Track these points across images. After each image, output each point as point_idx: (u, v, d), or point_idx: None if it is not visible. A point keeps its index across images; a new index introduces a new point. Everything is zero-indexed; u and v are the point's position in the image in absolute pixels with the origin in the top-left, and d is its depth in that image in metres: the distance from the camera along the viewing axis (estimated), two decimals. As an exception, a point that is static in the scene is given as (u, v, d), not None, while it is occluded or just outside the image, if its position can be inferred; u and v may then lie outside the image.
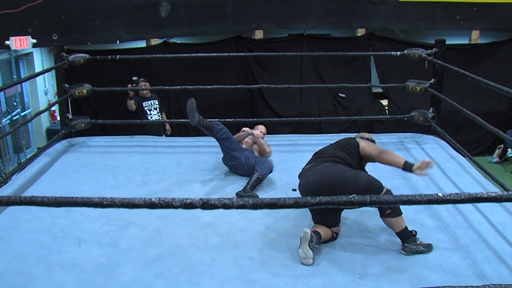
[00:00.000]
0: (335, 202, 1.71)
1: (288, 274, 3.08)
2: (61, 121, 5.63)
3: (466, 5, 8.35)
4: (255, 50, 8.61)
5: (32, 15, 6.75)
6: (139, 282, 3.00)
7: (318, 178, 3.30)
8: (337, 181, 3.24)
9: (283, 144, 5.60)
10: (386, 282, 2.96)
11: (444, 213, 3.82)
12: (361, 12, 8.38)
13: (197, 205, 1.72)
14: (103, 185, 4.48)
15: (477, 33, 8.94)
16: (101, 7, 7.15)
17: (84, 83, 5.65)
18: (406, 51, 5.63)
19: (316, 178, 3.31)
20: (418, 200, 1.79)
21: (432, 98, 5.59)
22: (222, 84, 8.02)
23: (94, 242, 3.45)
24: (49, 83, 9.11)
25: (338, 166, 3.35)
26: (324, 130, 8.27)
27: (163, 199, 1.72)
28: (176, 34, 8.07)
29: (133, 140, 5.75)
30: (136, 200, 1.74)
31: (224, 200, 1.74)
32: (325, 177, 3.28)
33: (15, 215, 3.78)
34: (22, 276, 3.01)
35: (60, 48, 5.47)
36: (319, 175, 3.31)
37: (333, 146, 3.64)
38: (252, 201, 1.73)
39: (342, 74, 8.77)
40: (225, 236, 3.55)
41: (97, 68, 7.28)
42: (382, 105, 9.18)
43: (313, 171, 3.38)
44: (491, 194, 1.83)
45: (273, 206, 1.74)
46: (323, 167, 3.36)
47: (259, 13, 8.16)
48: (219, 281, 3.01)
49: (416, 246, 3.23)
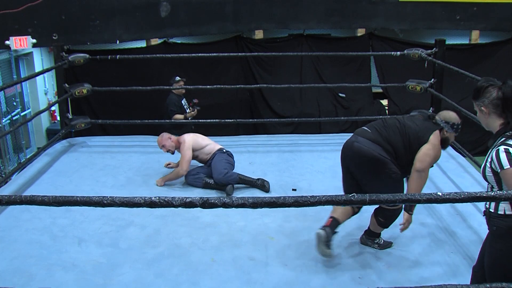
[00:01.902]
0: (334, 201, 1.71)
1: (288, 274, 3.08)
2: (61, 121, 5.63)
3: (466, 5, 8.35)
4: (255, 50, 8.61)
5: (32, 15, 6.75)
6: (139, 282, 3.00)
7: (358, 150, 3.13)
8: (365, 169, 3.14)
9: (283, 144, 5.60)
10: (386, 282, 2.96)
11: (444, 213, 3.82)
12: (361, 12, 8.38)
13: (197, 204, 1.72)
14: (103, 185, 4.48)
15: (477, 33, 8.93)
16: (101, 7, 7.15)
17: (84, 83, 5.66)
18: (406, 51, 5.63)
19: (358, 149, 3.14)
20: (417, 199, 1.79)
21: (432, 98, 5.59)
22: (222, 84, 8.01)
23: (94, 242, 3.45)
24: (49, 83, 9.11)
25: (382, 159, 3.10)
26: (324, 130, 8.26)
27: (163, 198, 1.72)
28: (176, 34, 8.07)
29: (133, 140, 5.76)
30: (136, 199, 1.74)
31: (224, 199, 1.74)
32: (363, 158, 3.12)
33: (15, 215, 3.78)
34: (22, 276, 3.01)
35: (60, 48, 5.47)
36: (361, 150, 3.12)
37: (399, 128, 3.19)
38: (252, 199, 1.73)
39: (342, 74, 8.76)
40: (225, 236, 3.55)
41: (97, 68, 7.27)
42: (382, 105, 9.17)
43: (363, 139, 3.17)
44: (491, 194, 1.83)
45: (272, 205, 1.74)
46: (373, 146, 3.12)
47: (259, 13, 8.16)
48: (219, 281, 3.01)
49: (372, 243, 3.38)
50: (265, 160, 5.10)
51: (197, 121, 6.68)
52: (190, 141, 4.43)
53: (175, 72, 8.26)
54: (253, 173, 4.55)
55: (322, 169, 4.85)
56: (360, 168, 3.16)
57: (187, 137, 4.48)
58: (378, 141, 3.13)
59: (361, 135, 3.20)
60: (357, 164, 3.17)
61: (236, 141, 5.68)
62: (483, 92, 2.36)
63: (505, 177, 2.22)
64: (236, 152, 5.18)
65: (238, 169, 4.73)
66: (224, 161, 4.45)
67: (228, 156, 4.56)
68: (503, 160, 2.21)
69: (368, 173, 3.14)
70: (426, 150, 3.07)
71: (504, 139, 2.26)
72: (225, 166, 4.39)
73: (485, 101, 2.35)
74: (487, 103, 2.34)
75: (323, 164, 4.98)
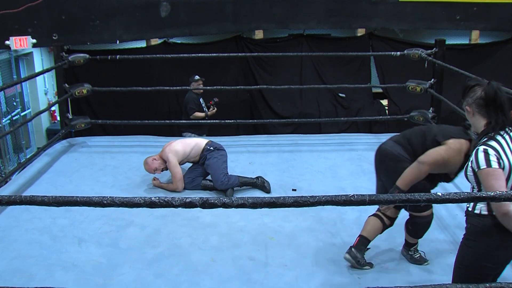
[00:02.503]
0: (334, 201, 1.71)
1: (288, 274, 3.08)
2: (61, 121, 5.63)
3: (466, 5, 8.34)
4: (255, 50, 8.60)
5: (32, 15, 6.75)
6: (139, 282, 3.00)
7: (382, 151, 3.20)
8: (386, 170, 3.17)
9: (283, 144, 5.60)
10: (386, 282, 2.96)
11: (444, 213, 3.82)
12: (361, 12, 8.37)
13: (196, 204, 1.72)
14: (103, 185, 4.48)
15: (477, 33, 8.93)
16: (101, 7, 7.15)
17: (84, 83, 5.66)
18: (406, 51, 5.63)
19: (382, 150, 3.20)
20: (417, 199, 1.79)
21: (432, 98, 5.59)
22: (222, 84, 8.02)
23: (94, 242, 3.45)
24: (49, 83, 9.11)
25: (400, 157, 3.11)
26: (324, 130, 8.25)
27: (163, 198, 1.73)
28: (176, 34, 8.07)
29: (133, 140, 5.76)
30: (136, 199, 1.74)
31: (224, 200, 1.75)
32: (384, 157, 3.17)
33: (15, 215, 3.78)
34: (22, 276, 3.01)
35: (60, 48, 5.48)
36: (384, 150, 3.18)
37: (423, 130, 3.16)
38: (251, 200, 1.73)
39: (342, 74, 8.76)
40: (225, 236, 3.55)
41: (97, 68, 7.27)
42: (382, 105, 9.17)
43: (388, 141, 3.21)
44: (491, 194, 1.83)
45: (272, 205, 1.74)
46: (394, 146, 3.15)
47: (259, 13, 8.16)
48: (219, 281, 3.01)
49: (407, 254, 3.26)
50: (265, 160, 5.10)
51: (197, 121, 6.69)
52: (173, 158, 4.31)
53: (175, 72, 8.29)
54: (253, 173, 4.55)
55: (322, 169, 4.86)
56: (381, 166, 3.20)
57: (170, 155, 4.32)
58: (400, 141, 3.14)
59: (390, 138, 3.25)
60: (379, 163, 3.21)
61: (236, 141, 5.68)
62: (469, 91, 2.36)
63: (481, 176, 2.22)
64: (236, 152, 5.19)
65: (238, 169, 4.74)
66: (219, 162, 4.35)
67: (218, 153, 4.42)
68: (480, 160, 2.21)
69: (387, 170, 3.16)
70: (437, 149, 2.92)
71: (486, 140, 2.27)
72: (222, 170, 4.32)
73: (469, 101, 2.35)
74: (470, 102, 2.34)
75: (323, 164, 4.98)
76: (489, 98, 2.28)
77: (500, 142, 2.25)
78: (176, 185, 4.32)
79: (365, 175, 4.66)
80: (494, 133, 2.27)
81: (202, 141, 4.51)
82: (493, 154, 2.20)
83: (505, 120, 2.28)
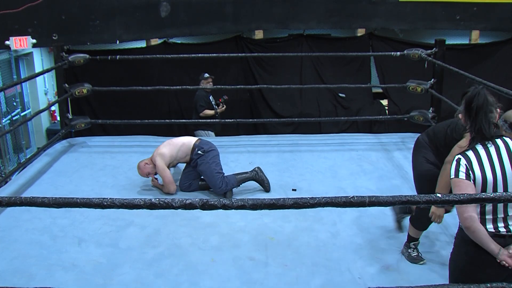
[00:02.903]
0: (334, 202, 1.71)
1: (288, 274, 3.08)
2: (61, 121, 5.64)
3: (466, 5, 8.34)
4: (255, 50, 8.60)
5: (32, 15, 6.74)
6: (139, 282, 3.00)
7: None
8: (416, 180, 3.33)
9: (283, 144, 5.60)
10: (386, 282, 2.96)
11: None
12: (361, 12, 8.37)
13: (196, 205, 1.72)
14: (103, 185, 4.48)
15: (477, 33, 8.92)
16: (101, 7, 7.14)
17: (84, 83, 5.66)
18: (406, 51, 5.63)
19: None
20: (417, 201, 1.79)
21: (432, 98, 5.59)
22: (222, 84, 8.01)
23: (94, 242, 3.46)
24: (49, 83, 9.10)
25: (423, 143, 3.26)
26: (324, 130, 8.25)
27: (163, 200, 1.73)
28: (176, 34, 8.07)
29: (133, 140, 5.76)
30: (136, 200, 1.74)
31: (224, 201, 1.75)
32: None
33: (15, 215, 3.78)
34: (22, 276, 3.02)
35: (60, 48, 5.48)
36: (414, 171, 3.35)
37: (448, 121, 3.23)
38: (251, 201, 1.73)
39: (342, 74, 8.76)
40: (225, 236, 3.55)
41: (97, 68, 7.27)
42: (382, 105, 9.17)
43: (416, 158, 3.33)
44: (490, 195, 1.83)
45: (272, 207, 1.74)
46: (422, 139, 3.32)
47: (259, 13, 8.16)
48: (219, 281, 3.01)
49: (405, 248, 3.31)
50: (265, 160, 5.10)
51: (197, 121, 6.69)
52: (160, 162, 4.26)
53: (175, 72, 8.29)
54: (253, 173, 4.55)
55: (322, 169, 4.86)
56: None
57: (157, 159, 4.28)
58: (428, 133, 3.30)
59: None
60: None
61: (236, 141, 5.68)
62: (461, 98, 2.35)
63: (451, 185, 2.23)
64: (236, 152, 5.20)
65: (238, 169, 4.73)
66: (212, 167, 4.25)
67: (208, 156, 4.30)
68: (452, 169, 2.22)
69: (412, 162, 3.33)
70: (461, 142, 2.81)
71: (466, 149, 2.24)
72: (217, 175, 4.24)
73: (461, 108, 2.36)
74: (461, 109, 2.34)
75: (323, 164, 4.98)
76: (466, 104, 2.24)
77: (479, 153, 2.19)
78: (168, 189, 4.28)
79: (365, 175, 4.67)
80: (474, 142, 2.22)
81: (190, 141, 4.42)
82: (463, 164, 2.17)
83: (483, 129, 2.20)
